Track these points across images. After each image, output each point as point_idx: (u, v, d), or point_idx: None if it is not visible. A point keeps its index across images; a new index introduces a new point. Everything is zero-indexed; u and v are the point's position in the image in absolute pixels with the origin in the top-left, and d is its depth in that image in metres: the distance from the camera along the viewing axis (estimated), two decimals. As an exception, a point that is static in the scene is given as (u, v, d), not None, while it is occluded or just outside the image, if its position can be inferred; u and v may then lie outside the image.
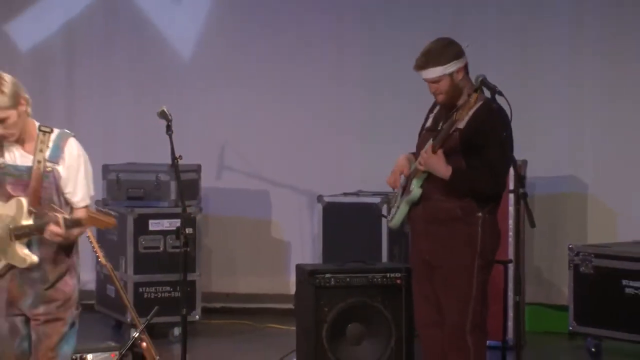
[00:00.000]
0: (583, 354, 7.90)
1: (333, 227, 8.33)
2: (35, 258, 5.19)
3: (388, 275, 7.05)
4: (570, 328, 7.98)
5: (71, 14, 9.46)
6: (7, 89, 5.11)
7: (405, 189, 5.93)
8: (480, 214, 5.80)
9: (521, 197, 5.70)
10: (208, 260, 8.99)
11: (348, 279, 7.02)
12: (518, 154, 5.86)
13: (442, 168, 5.75)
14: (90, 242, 6.22)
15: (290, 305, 7.66)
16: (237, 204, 9.16)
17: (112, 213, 5.40)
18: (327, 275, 7.00)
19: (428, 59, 5.81)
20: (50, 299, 5.29)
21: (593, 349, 7.89)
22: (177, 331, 8.07)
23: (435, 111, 5.99)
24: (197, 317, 8.38)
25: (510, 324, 7.65)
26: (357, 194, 8.48)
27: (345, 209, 8.35)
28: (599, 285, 7.81)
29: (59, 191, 5.27)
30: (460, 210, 5.81)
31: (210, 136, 9.13)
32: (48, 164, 5.22)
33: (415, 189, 5.85)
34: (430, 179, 5.82)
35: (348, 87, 9.13)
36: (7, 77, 5.14)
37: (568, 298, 8.03)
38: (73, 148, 5.28)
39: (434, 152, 5.76)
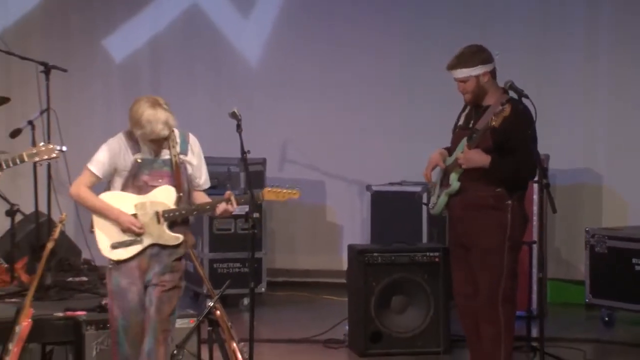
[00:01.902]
0: (598, 322, 7.83)
1: (380, 212, 8.31)
2: (181, 237, 5.30)
3: (428, 254, 7.04)
4: (587, 300, 7.92)
5: (157, 30, 9.51)
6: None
7: (444, 182, 5.89)
8: (509, 202, 5.75)
9: (544, 187, 5.71)
10: (272, 241, 8.98)
11: (393, 257, 7.02)
12: (541, 149, 5.85)
13: (481, 158, 5.71)
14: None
15: (343, 280, 7.65)
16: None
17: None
18: (375, 254, 7.01)
19: (459, 61, 5.79)
20: (175, 269, 5.35)
21: (606, 319, 7.82)
22: (246, 301, 8.06)
23: (466, 110, 5.93)
24: (263, 289, 8.39)
25: (534, 296, 7.62)
26: (401, 183, 8.43)
27: (390, 197, 8.31)
28: (612, 263, 7.74)
29: (188, 179, 5.38)
30: (492, 199, 5.76)
31: (274, 134, 9.13)
32: (181, 157, 5.32)
33: (454, 182, 5.81)
34: (465, 173, 5.78)
35: (392, 92, 9.08)
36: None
37: (584, 274, 7.96)
38: (195, 141, 5.42)
39: (470, 149, 5.72)
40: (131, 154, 5.30)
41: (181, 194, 5.30)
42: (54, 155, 5.41)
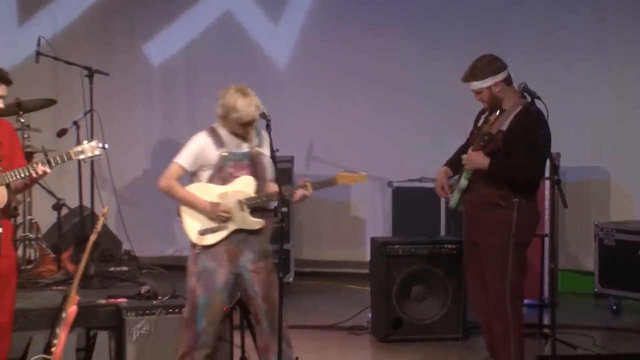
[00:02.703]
0: (606, 311, 7.80)
1: (401, 207, 8.29)
2: (263, 221, 5.43)
3: (445, 246, 7.03)
4: (595, 290, 7.90)
5: (192, 36, 9.52)
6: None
7: (458, 180, 5.89)
8: (516, 200, 5.67)
9: (555, 183, 5.61)
10: (300, 233, 8.97)
11: (413, 249, 7.01)
12: (552, 147, 5.77)
13: (481, 160, 5.68)
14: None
15: (366, 270, 7.65)
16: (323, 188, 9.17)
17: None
18: (396, 246, 7.01)
19: (471, 74, 5.76)
20: (267, 255, 5.49)
21: (614, 307, 7.80)
22: (275, 290, 8.06)
23: (486, 113, 5.89)
24: (291, 279, 8.38)
25: (546, 286, 7.62)
26: (420, 180, 8.39)
27: (410, 192, 8.29)
28: (619, 255, 7.71)
29: (265, 168, 5.48)
30: (498, 197, 5.70)
31: (301, 133, 9.13)
32: (257, 149, 5.46)
33: (463, 180, 5.81)
34: (475, 172, 5.76)
35: (412, 94, 9.05)
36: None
37: (593, 265, 7.94)
38: (266, 135, 5.49)
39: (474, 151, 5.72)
40: (215, 149, 5.42)
41: (260, 183, 5.42)
42: (97, 152, 5.45)
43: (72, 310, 5.67)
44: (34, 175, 5.22)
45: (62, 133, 7.38)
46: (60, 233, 7.46)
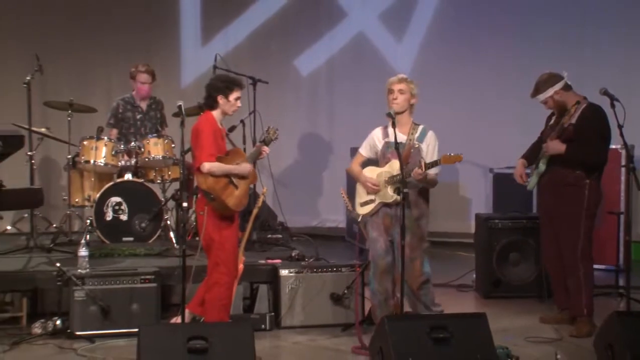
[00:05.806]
0: (674, 276, 7.53)
1: (500, 189, 8.20)
2: (398, 198, 5.35)
3: (537, 221, 6.89)
4: (665, 258, 7.64)
5: (333, 52, 9.62)
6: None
7: (537, 166, 5.87)
8: (587, 181, 5.69)
9: (630, 170, 5.56)
10: (418, 209, 8.98)
11: (510, 223, 6.93)
12: (629, 140, 5.65)
13: (558, 146, 5.68)
14: (343, 196, 6.28)
15: (471, 240, 7.57)
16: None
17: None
18: (496, 221, 6.94)
19: (534, 90, 5.83)
20: (413, 229, 5.48)
21: (681, 273, 7.53)
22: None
23: (555, 115, 5.93)
24: (410, 245, 8.38)
25: (621, 255, 7.43)
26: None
27: (508, 177, 8.06)
28: (686, 230, 7.43)
29: (416, 158, 5.48)
30: (572, 178, 5.73)
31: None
32: (416, 143, 5.49)
33: (541, 165, 5.82)
34: (553, 158, 5.76)
35: (510, 97, 8.91)
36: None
37: (664, 237, 7.69)
38: (432, 136, 5.56)
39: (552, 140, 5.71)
40: (381, 139, 5.57)
41: (404, 165, 5.31)
42: (276, 137, 5.87)
43: (240, 268, 5.83)
44: (263, 155, 5.63)
45: (232, 129, 7.56)
46: (230, 207, 7.63)
